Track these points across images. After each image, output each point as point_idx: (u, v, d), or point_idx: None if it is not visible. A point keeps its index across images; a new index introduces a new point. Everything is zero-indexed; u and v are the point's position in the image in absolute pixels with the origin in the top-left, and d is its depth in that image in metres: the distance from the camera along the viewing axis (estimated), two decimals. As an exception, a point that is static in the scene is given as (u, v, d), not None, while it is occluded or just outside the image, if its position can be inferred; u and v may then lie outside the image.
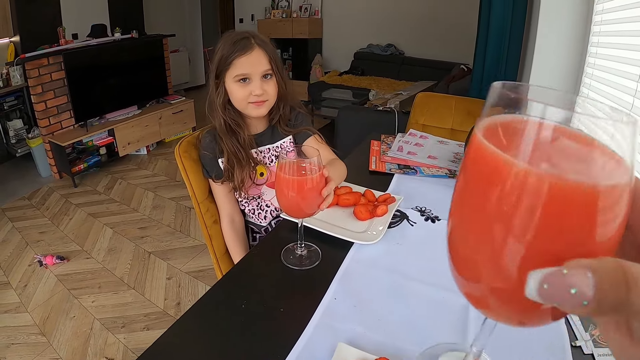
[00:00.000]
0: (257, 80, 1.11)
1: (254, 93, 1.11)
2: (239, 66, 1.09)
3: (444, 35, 5.18)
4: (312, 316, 0.73)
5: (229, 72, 1.11)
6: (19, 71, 3.73)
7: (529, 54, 2.06)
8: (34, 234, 2.99)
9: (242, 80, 1.11)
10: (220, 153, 1.18)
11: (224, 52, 1.10)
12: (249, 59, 1.09)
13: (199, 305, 0.77)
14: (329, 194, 0.84)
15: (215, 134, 1.19)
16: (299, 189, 0.80)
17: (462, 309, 0.75)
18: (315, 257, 0.89)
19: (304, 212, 0.86)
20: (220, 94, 1.14)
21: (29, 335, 2.07)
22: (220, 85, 1.14)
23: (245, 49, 1.09)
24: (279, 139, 1.27)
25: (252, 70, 1.10)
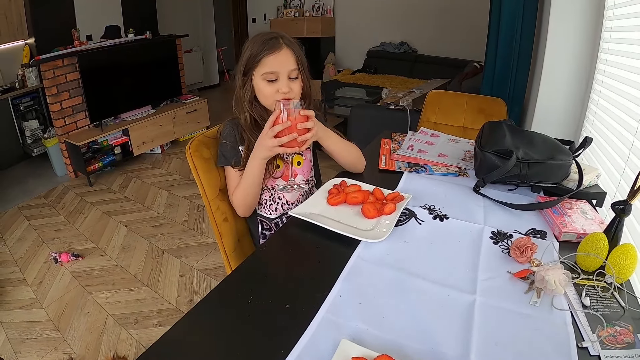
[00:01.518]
0: (284, 78, 1.15)
1: (280, 90, 1.14)
2: (267, 64, 1.13)
3: (456, 32, 5.13)
4: (316, 313, 0.73)
5: (257, 69, 1.15)
6: (34, 72, 3.80)
7: (540, 49, 2.03)
8: (49, 231, 3.04)
9: (269, 79, 1.14)
10: (241, 141, 1.22)
11: (253, 50, 1.14)
12: (277, 58, 1.13)
13: (207, 301, 0.78)
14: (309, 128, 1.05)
15: (237, 123, 1.23)
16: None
17: (467, 307, 0.75)
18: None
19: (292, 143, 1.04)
20: (247, 90, 1.19)
21: (44, 330, 2.10)
22: (248, 82, 1.18)
23: (274, 48, 1.12)
24: None
25: (280, 68, 1.13)
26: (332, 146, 1.25)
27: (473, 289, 0.80)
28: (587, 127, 1.73)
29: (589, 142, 1.23)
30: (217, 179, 1.26)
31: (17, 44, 3.96)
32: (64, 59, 3.64)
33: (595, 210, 1.10)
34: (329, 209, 1.08)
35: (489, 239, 0.96)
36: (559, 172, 1.19)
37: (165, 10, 5.52)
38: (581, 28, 1.78)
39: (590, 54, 1.78)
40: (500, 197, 1.16)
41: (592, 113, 1.69)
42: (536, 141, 1.26)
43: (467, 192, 1.21)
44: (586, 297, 0.78)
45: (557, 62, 1.87)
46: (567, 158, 1.18)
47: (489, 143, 1.25)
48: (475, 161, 1.32)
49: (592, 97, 1.72)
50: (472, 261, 0.88)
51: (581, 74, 1.83)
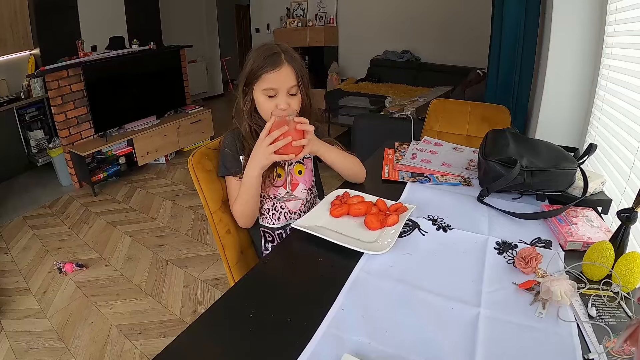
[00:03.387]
0: (283, 95, 1.16)
1: (279, 106, 1.15)
2: (267, 81, 1.14)
3: (459, 39, 5.13)
4: (319, 326, 0.72)
5: (258, 84, 1.16)
6: (39, 83, 3.84)
7: (543, 56, 2.03)
8: (54, 241, 3.04)
9: (269, 94, 1.16)
10: (242, 150, 1.22)
11: (254, 65, 1.15)
12: (278, 75, 1.13)
13: (209, 315, 0.78)
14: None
15: (239, 133, 1.24)
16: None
17: (471, 320, 0.74)
18: None
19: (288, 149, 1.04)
20: (247, 102, 1.21)
21: (47, 340, 2.10)
22: (249, 94, 1.20)
23: (275, 65, 1.13)
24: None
25: (279, 85, 1.14)
26: (333, 160, 1.25)
27: (478, 301, 0.79)
28: (592, 134, 1.72)
29: (593, 148, 1.22)
30: (220, 191, 1.26)
31: (22, 55, 4.00)
32: (68, 69, 3.67)
33: (601, 218, 1.08)
34: (331, 221, 1.07)
35: (494, 250, 0.95)
36: (564, 180, 1.17)
37: (169, 21, 5.57)
38: (584, 34, 1.77)
39: (593, 59, 1.77)
40: (505, 206, 1.15)
41: (596, 119, 1.68)
42: (540, 149, 1.25)
43: (471, 201, 1.21)
44: (592, 307, 0.77)
45: (560, 68, 1.87)
46: (572, 165, 1.17)
47: (492, 152, 1.24)
48: (479, 170, 1.32)
49: (596, 103, 1.71)
50: (477, 272, 0.87)
51: (584, 80, 1.82)
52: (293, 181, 1.28)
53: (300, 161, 1.32)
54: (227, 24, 7.82)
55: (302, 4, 6.31)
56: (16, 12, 3.81)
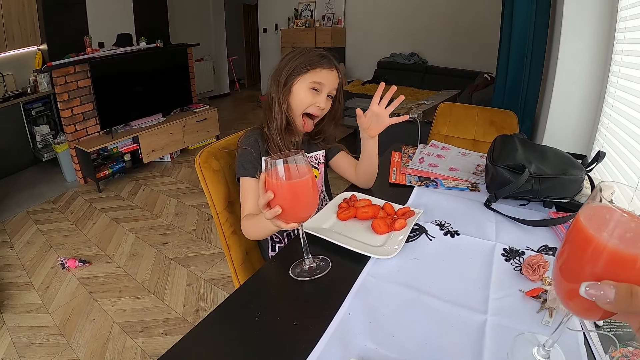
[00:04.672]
0: (324, 95, 1.19)
1: (317, 104, 1.19)
2: (319, 75, 1.18)
3: (467, 43, 5.13)
4: (324, 331, 0.72)
5: (305, 76, 1.18)
6: (46, 78, 3.85)
7: (552, 61, 2.01)
8: (57, 237, 3.05)
9: (314, 89, 1.18)
10: (265, 152, 1.21)
11: (305, 60, 1.18)
12: (330, 74, 1.19)
13: (213, 316, 0.77)
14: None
15: (261, 133, 1.23)
16: (297, 192, 0.80)
17: (478, 327, 0.73)
18: (325, 265, 0.89)
19: (306, 215, 0.85)
20: (285, 94, 1.20)
21: (49, 335, 2.10)
22: (288, 86, 1.20)
23: (330, 65, 1.19)
24: (313, 150, 1.34)
25: (327, 83, 1.18)
26: (373, 152, 1.25)
27: (484, 308, 0.78)
28: (600, 141, 1.71)
29: (602, 156, 1.21)
30: (227, 191, 1.26)
31: (29, 50, 4.02)
32: (75, 65, 3.69)
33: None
34: (338, 224, 1.07)
35: (501, 256, 0.94)
36: (572, 187, 1.17)
37: (176, 20, 5.58)
38: (593, 40, 1.76)
39: (602, 66, 1.76)
40: (512, 212, 1.15)
41: (605, 126, 1.67)
42: (548, 155, 1.24)
43: (478, 207, 1.20)
44: (599, 316, 0.76)
45: (568, 75, 1.86)
46: (580, 173, 1.16)
47: (500, 157, 1.23)
48: (486, 175, 1.31)
49: (604, 111, 1.70)
50: (484, 279, 0.86)
51: (593, 87, 1.81)
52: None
53: (315, 166, 1.32)
54: (235, 24, 7.82)
55: (309, 5, 6.31)
56: (24, 8, 3.83)
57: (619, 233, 0.43)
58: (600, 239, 0.44)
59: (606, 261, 0.44)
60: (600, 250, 0.44)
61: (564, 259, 0.50)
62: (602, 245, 0.44)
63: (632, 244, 0.42)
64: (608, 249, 0.43)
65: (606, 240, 0.44)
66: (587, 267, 0.46)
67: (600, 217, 0.45)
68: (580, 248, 0.47)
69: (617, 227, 0.44)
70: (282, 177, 0.78)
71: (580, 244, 0.47)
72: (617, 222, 0.44)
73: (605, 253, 0.44)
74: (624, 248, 0.43)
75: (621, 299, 0.40)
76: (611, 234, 0.44)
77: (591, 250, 0.45)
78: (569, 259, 0.50)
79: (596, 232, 0.45)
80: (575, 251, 0.48)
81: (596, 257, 0.45)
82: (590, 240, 0.45)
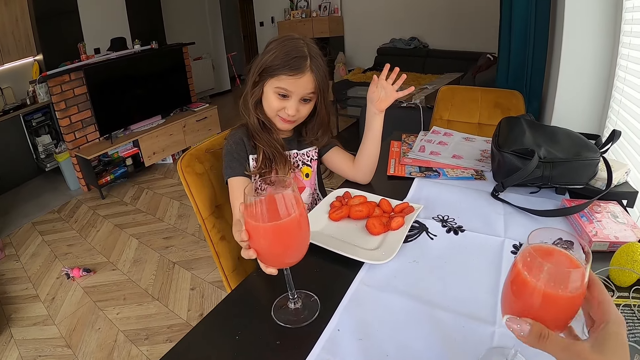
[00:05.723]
0: (295, 100, 1.07)
1: (287, 111, 1.07)
2: (284, 82, 1.04)
3: (468, 24, 4.98)
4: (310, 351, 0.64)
5: (272, 81, 1.06)
6: (43, 88, 3.82)
7: (557, 36, 1.89)
8: (62, 246, 3.02)
9: (281, 95, 1.07)
10: (252, 150, 1.13)
11: (275, 61, 1.04)
12: (297, 81, 1.04)
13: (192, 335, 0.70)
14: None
15: (246, 131, 1.15)
16: (278, 236, 0.64)
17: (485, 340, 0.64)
18: (313, 309, 0.74)
19: (292, 261, 0.69)
20: (256, 94, 1.11)
21: (56, 347, 2.08)
22: (260, 85, 1.10)
23: (297, 70, 1.03)
24: (304, 147, 1.24)
25: (295, 90, 1.05)
26: (377, 134, 1.17)
27: (493, 318, 0.69)
28: (612, 118, 1.60)
29: (617, 135, 1.10)
30: (213, 195, 1.18)
31: (26, 61, 3.98)
32: (70, 73, 3.64)
33: (627, 213, 0.97)
34: (330, 225, 0.98)
35: (511, 254, 0.85)
36: (586, 171, 1.07)
37: (172, 20, 5.50)
38: (600, 10, 1.64)
39: (612, 37, 1.64)
40: (522, 202, 1.05)
41: (617, 102, 1.56)
42: (559, 137, 1.14)
43: (484, 197, 1.10)
44: (622, 321, 0.68)
45: (575, 48, 1.74)
46: (594, 155, 1.06)
47: (507, 142, 1.14)
48: (492, 162, 1.21)
49: (616, 85, 1.59)
50: (492, 282, 0.77)
51: (603, 61, 1.69)
52: (299, 185, 1.20)
53: (308, 163, 1.23)
54: (232, 19, 7.72)
55: (305, -5, 6.21)
56: (17, 20, 3.78)
57: (546, 277, 0.47)
58: (531, 281, 0.48)
59: (534, 298, 0.48)
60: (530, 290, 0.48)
61: (506, 291, 0.53)
62: (532, 286, 0.48)
63: (557, 286, 0.47)
64: (537, 289, 0.48)
65: (535, 282, 0.48)
66: (520, 301, 0.50)
67: (533, 262, 0.49)
68: (515, 284, 0.51)
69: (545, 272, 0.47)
70: (261, 216, 0.62)
71: (516, 282, 0.51)
72: (546, 268, 0.47)
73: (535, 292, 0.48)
74: (550, 289, 0.47)
75: (533, 337, 0.46)
76: (539, 277, 0.47)
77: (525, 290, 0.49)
78: (509, 292, 0.52)
79: (529, 275, 0.49)
80: (512, 286, 0.52)
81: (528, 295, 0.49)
82: (525, 281, 0.49)
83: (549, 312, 0.48)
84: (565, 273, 0.47)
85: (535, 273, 0.48)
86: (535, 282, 0.47)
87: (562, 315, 0.49)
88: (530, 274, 0.48)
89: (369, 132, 1.17)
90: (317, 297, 0.76)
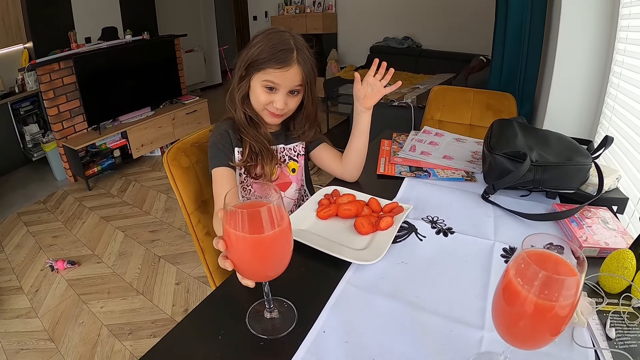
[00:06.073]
0: (282, 93, 1.06)
1: (275, 104, 1.06)
2: (271, 75, 1.04)
3: (461, 25, 4.99)
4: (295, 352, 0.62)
5: (259, 74, 1.05)
6: (32, 77, 3.74)
7: (552, 40, 1.89)
8: (47, 238, 2.97)
9: (268, 88, 1.06)
10: (238, 142, 1.12)
11: (261, 54, 1.03)
12: (284, 74, 1.03)
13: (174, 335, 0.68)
14: None
15: (233, 124, 1.14)
16: (259, 249, 0.60)
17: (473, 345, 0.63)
18: (289, 319, 0.70)
19: (272, 275, 0.65)
20: (242, 88, 1.09)
21: (38, 340, 2.05)
22: (246, 80, 1.09)
23: (284, 63, 1.02)
24: (292, 142, 1.23)
25: (282, 83, 1.04)
26: (365, 130, 1.18)
27: (481, 322, 0.68)
28: (605, 124, 1.60)
29: (610, 141, 1.10)
30: (198, 189, 1.16)
31: (16, 48, 3.90)
32: (60, 62, 3.58)
33: (616, 219, 0.97)
34: (318, 224, 0.96)
35: (500, 257, 0.84)
36: (578, 176, 1.07)
37: (165, 10, 5.43)
38: (596, 16, 1.64)
39: (606, 43, 1.65)
40: (512, 205, 1.05)
41: (610, 108, 1.56)
42: (551, 141, 1.14)
43: (475, 199, 1.10)
44: (611, 327, 0.67)
45: (570, 53, 1.74)
46: (586, 160, 1.05)
47: (499, 144, 1.13)
48: (483, 164, 1.21)
49: (609, 91, 1.60)
50: (481, 286, 0.76)
51: (597, 66, 1.70)
52: (285, 180, 1.18)
53: (295, 158, 1.21)
54: (225, 12, 7.65)
55: (299, -9, 6.18)
56: (8, 6, 3.70)
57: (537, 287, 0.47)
58: (523, 291, 0.49)
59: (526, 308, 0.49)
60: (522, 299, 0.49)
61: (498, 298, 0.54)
62: (524, 296, 0.48)
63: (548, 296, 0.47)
64: (529, 299, 0.48)
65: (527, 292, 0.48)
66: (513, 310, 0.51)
67: (525, 272, 0.49)
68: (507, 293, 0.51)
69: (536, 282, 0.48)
70: (242, 227, 0.58)
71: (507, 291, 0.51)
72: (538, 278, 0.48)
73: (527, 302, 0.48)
74: (542, 299, 0.47)
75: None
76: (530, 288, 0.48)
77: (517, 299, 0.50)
78: (500, 302, 0.53)
79: (520, 285, 0.49)
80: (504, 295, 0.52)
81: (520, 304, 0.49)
82: (517, 291, 0.49)
83: (543, 319, 0.49)
84: (559, 281, 0.47)
85: (529, 280, 0.48)
86: (528, 290, 0.48)
87: (556, 321, 0.49)
88: (524, 280, 0.48)
89: (356, 129, 1.17)
90: (294, 305, 0.72)
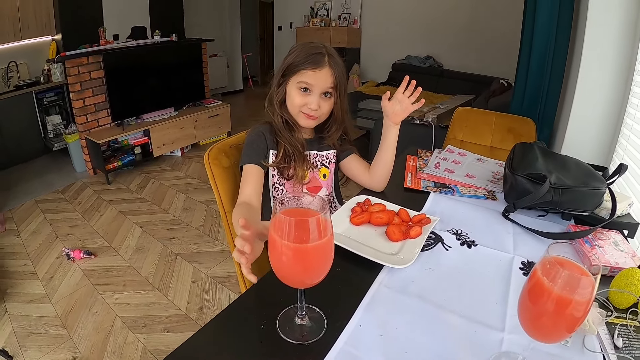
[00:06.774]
0: (316, 94, 1.15)
1: (309, 105, 1.15)
2: (305, 76, 1.13)
3: (483, 48, 5.05)
4: (335, 342, 0.68)
5: (295, 77, 1.15)
6: (59, 68, 3.84)
7: (573, 71, 1.95)
8: (64, 227, 3.04)
9: (303, 89, 1.15)
10: (274, 145, 1.20)
11: (297, 58, 1.14)
12: (318, 74, 1.13)
13: (216, 321, 0.74)
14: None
15: (271, 128, 1.22)
16: (303, 258, 0.62)
17: (494, 345, 0.69)
18: (319, 327, 0.72)
19: (310, 283, 0.67)
20: (280, 93, 1.19)
21: (50, 326, 2.08)
22: (283, 85, 1.18)
23: (317, 64, 1.12)
24: (324, 149, 1.30)
25: (315, 83, 1.13)
26: (393, 143, 1.24)
27: (502, 325, 0.74)
28: (620, 153, 1.65)
29: (624, 169, 1.16)
30: (235, 189, 1.22)
31: (44, 39, 4.02)
32: (89, 56, 3.68)
33: (627, 242, 1.03)
34: (351, 229, 1.03)
35: (519, 270, 0.90)
36: (592, 200, 1.12)
37: (192, 14, 5.57)
38: (616, 49, 1.70)
39: (625, 76, 1.70)
40: (530, 223, 1.10)
41: (626, 138, 1.61)
42: (569, 166, 1.20)
43: (495, 216, 1.16)
44: (619, 337, 0.73)
45: (590, 83, 1.80)
46: (601, 185, 1.11)
47: (520, 166, 1.19)
48: (504, 184, 1.26)
49: (626, 122, 1.65)
50: (501, 294, 0.82)
51: (615, 97, 1.75)
52: (316, 184, 1.24)
53: (326, 165, 1.28)
54: (250, 20, 7.80)
55: (326, 4, 6.27)
56: (40, -2, 3.83)
57: (562, 283, 0.56)
58: (548, 286, 0.57)
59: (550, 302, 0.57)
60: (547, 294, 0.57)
61: (526, 298, 0.61)
62: (549, 291, 0.56)
63: (570, 291, 0.55)
64: (553, 294, 0.56)
65: (551, 287, 0.56)
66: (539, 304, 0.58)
67: (551, 270, 0.58)
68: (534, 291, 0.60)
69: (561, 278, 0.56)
70: (287, 235, 0.60)
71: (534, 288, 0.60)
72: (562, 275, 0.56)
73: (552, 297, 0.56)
74: (566, 294, 0.56)
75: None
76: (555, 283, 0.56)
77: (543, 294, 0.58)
78: (526, 299, 0.61)
79: (546, 281, 0.57)
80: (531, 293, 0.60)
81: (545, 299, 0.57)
82: (543, 287, 0.58)
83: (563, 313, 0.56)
84: (578, 279, 0.56)
85: (553, 277, 0.57)
86: (552, 286, 0.56)
87: (572, 318, 0.57)
88: (549, 278, 0.57)
89: (384, 143, 1.24)
90: (326, 305, 0.76)
